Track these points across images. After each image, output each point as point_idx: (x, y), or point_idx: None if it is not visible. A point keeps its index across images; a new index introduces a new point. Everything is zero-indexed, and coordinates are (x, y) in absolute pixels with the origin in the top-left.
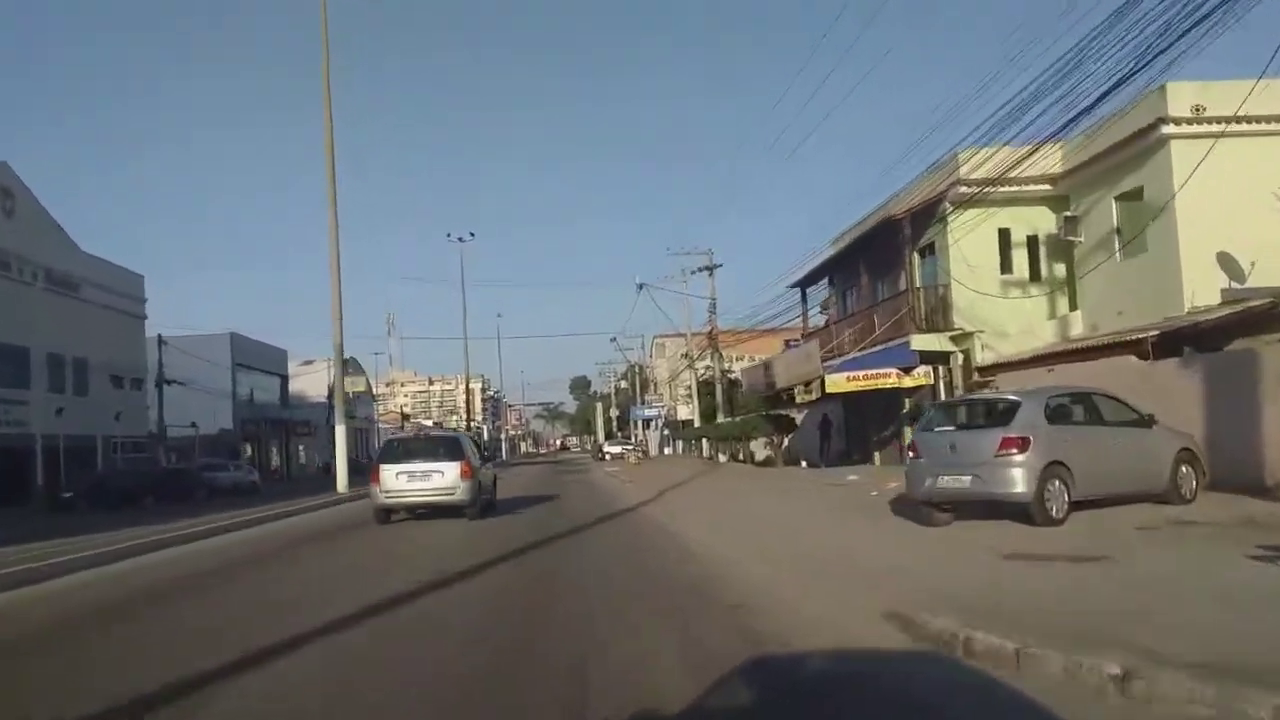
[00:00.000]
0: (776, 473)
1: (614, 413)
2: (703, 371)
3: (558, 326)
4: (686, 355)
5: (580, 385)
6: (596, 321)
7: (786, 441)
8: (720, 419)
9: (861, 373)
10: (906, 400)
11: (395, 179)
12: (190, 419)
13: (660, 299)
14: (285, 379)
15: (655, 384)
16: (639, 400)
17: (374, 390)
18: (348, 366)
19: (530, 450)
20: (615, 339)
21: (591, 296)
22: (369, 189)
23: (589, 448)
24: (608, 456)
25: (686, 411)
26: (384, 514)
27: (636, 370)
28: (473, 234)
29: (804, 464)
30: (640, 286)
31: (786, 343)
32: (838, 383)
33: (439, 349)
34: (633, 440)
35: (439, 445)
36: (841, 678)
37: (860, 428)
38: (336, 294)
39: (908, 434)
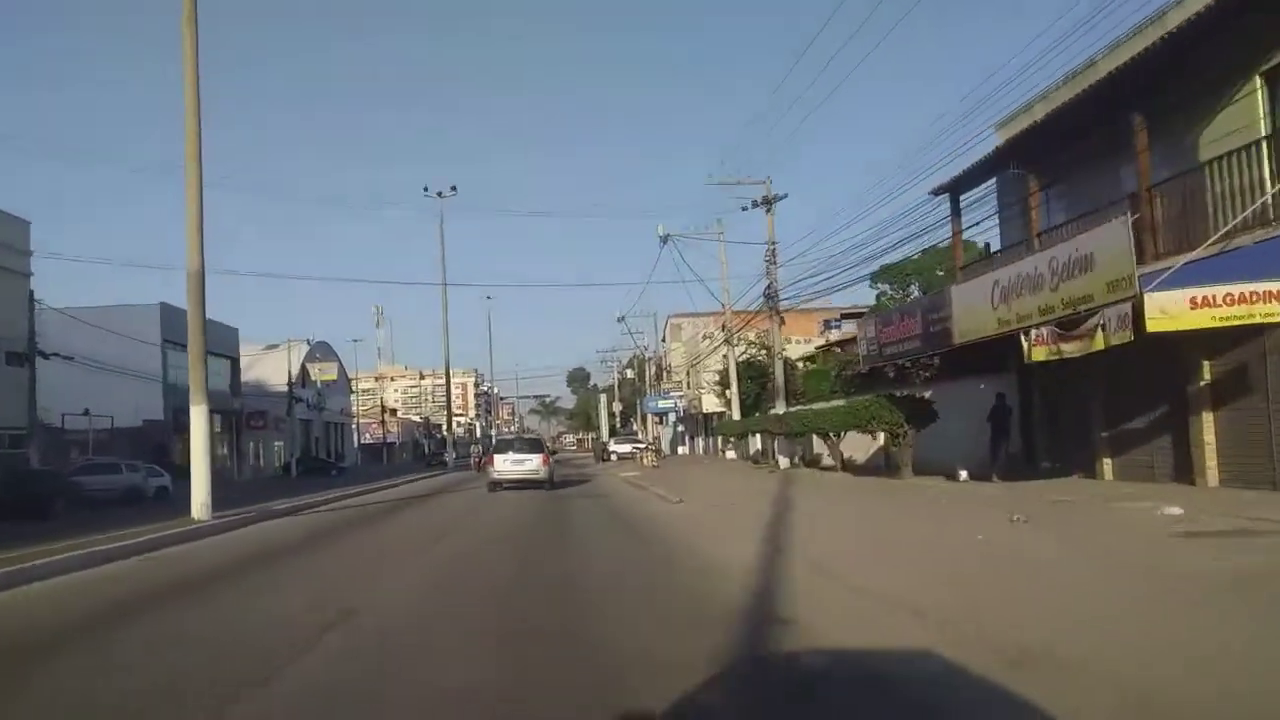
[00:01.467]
0: (938, 491)
1: (617, 407)
2: (743, 350)
3: (557, 308)
4: (724, 328)
5: (579, 378)
6: (601, 302)
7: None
8: (782, 408)
9: (1224, 292)
10: (1203, 368)
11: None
12: (106, 407)
13: (691, 259)
14: (236, 362)
15: (670, 371)
16: (650, 390)
17: (352, 380)
18: (316, 351)
19: None
20: (623, 318)
21: (596, 269)
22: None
23: (589, 445)
24: (614, 456)
25: (714, 402)
26: (494, 486)
27: (644, 358)
28: (454, 188)
29: (962, 475)
30: (664, 239)
31: (826, 323)
32: (1173, 312)
33: (432, 344)
34: (644, 437)
35: (529, 443)
36: (838, 676)
37: (1058, 414)
38: (195, 186)
39: (1206, 422)
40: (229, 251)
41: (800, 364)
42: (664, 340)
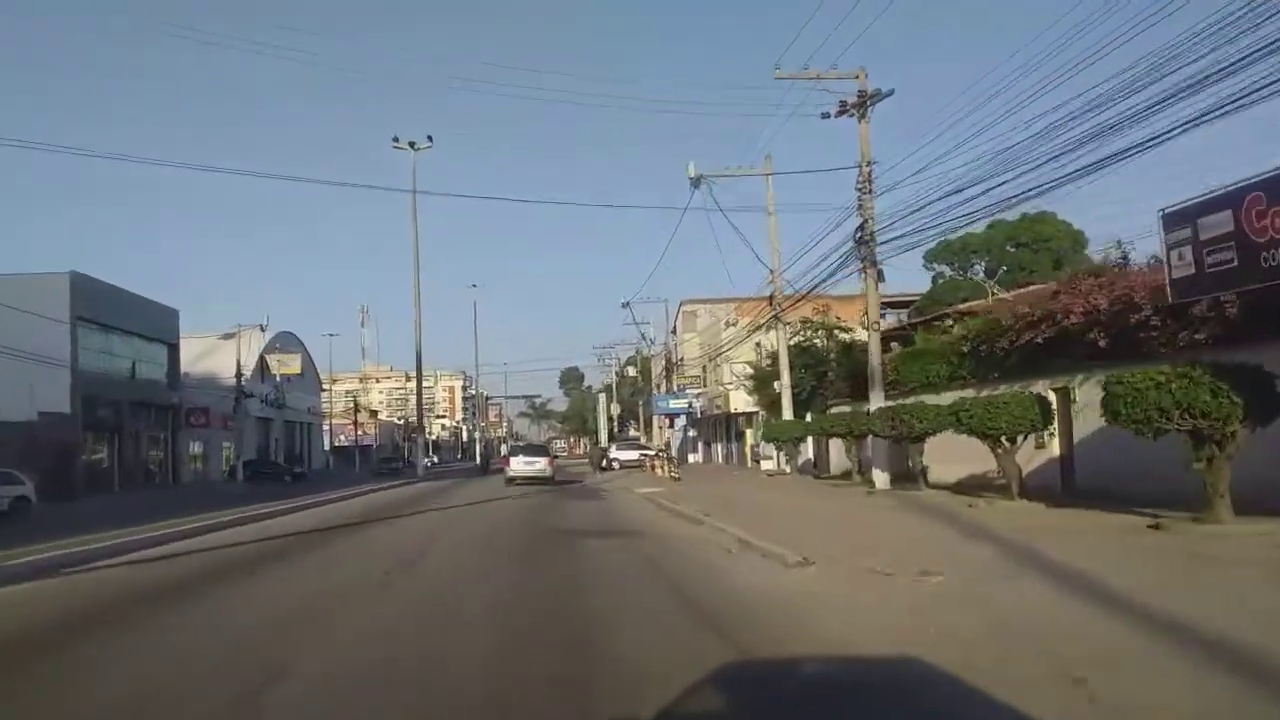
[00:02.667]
0: None
1: (615, 409)
2: (796, 332)
3: (552, 299)
4: (771, 301)
5: (572, 378)
6: (603, 291)
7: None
8: (879, 400)
9: None
10: None
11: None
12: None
13: (716, 237)
14: (174, 349)
15: (682, 366)
16: (657, 389)
17: (335, 380)
18: (277, 341)
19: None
20: (628, 304)
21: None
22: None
23: (584, 451)
24: (615, 464)
25: (744, 400)
26: (511, 481)
27: (649, 354)
28: (430, 139)
29: None
30: (695, 181)
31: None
32: None
33: (422, 347)
34: (652, 442)
35: (538, 448)
36: (821, 683)
37: None
38: None
39: None
40: (200, 228)
41: (891, 345)
42: (674, 332)
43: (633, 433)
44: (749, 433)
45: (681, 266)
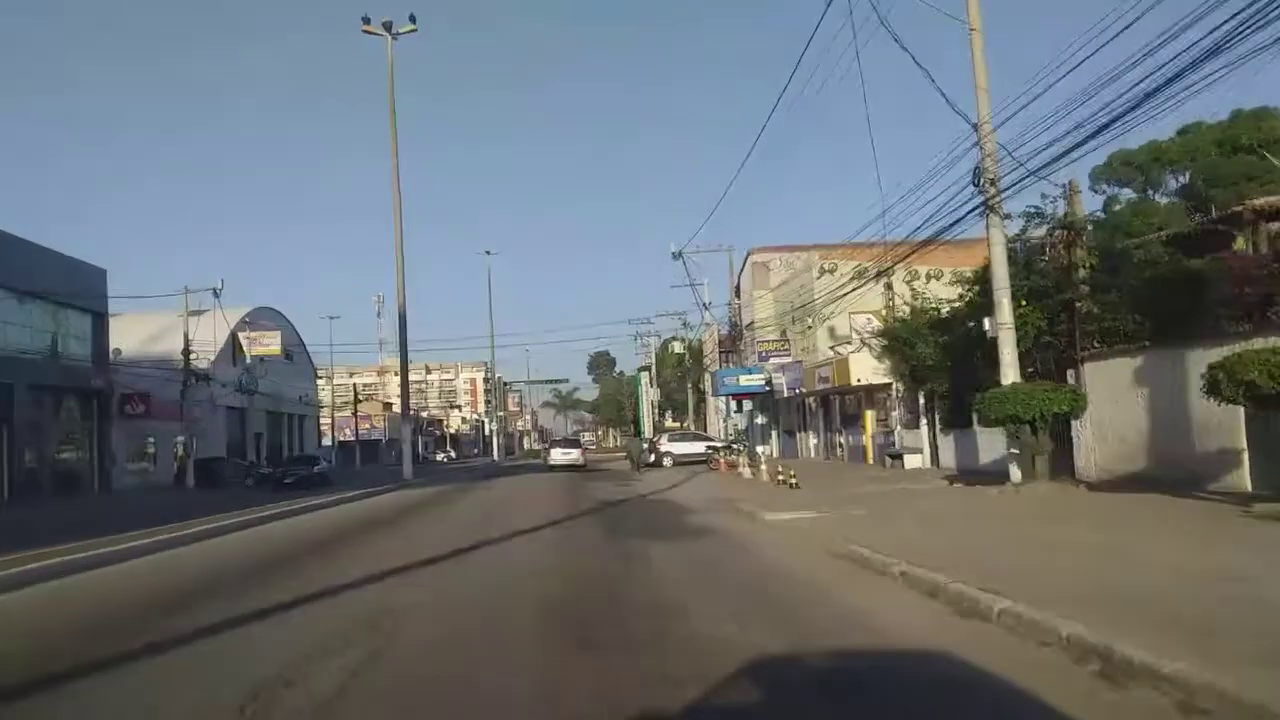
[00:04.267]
0: None
1: (654, 395)
2: (1020, 228)
3: (584, 270)
4: (975, 179)
5: (602, 363)
6: (642, 250)
7: None
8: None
9: None
10: None
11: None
12: None
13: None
14: (101, 319)
15: (749, 332)
16: (715, 364)
17: (352, 374)
18: (249, 316)
19: (535, 448)
20: (680, 254)
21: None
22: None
23: (617, 444)
24: (668, 462)
25: (871, 369)
26: (550, 468)
27: (700, 324)
28: (413, 19)
29: None
30: None
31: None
32: None
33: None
34: (706, 431)
35: (572, 441)
36: (845, 677)
37: None
38: None
39: None
40: (200, 228)
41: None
42: (738, 292)
43: (669, 422)
44: (870, 415)
45: (743, 218)
